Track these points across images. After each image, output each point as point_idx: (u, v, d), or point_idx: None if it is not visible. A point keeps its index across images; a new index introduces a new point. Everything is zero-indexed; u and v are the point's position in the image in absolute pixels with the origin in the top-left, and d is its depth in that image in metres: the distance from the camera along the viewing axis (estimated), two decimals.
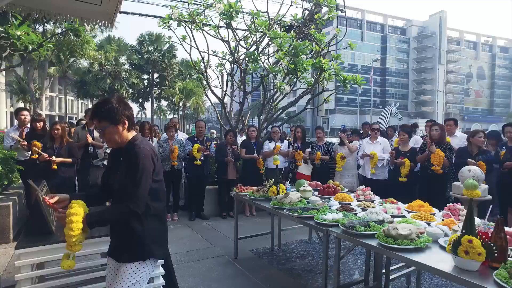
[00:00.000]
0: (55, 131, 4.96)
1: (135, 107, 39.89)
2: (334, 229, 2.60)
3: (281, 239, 4.61)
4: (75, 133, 5.57)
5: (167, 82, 33.45)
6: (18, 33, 5.61)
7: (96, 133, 5.50)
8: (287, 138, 6.85)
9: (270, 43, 7.38)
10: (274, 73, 6.75)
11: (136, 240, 1.82)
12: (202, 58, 7.51)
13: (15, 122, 5.64)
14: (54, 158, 4.64)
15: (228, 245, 4.62)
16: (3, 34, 5.58)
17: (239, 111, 7.96)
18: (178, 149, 5.49)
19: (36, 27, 17.60)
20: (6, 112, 31.84)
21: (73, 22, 8.64)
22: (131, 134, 1.87)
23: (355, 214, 2.91)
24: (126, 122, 1.83)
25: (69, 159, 4.83)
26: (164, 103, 39.89)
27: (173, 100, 34.06)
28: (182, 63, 34.85)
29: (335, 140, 7.33)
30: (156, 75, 33.84)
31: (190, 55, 8.29)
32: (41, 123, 5.23)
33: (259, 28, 7.05)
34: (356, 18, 60.82)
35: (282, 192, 3.53)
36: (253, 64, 6.52)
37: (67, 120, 27.47)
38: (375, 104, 52.71)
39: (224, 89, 8.49)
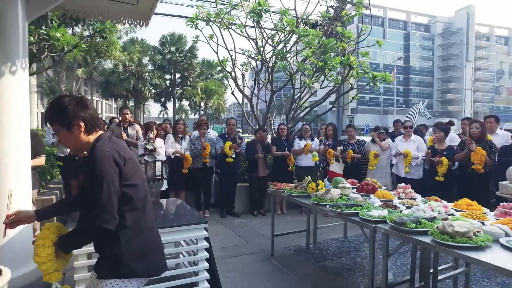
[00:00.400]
0: None
1: (157, 107, 40.71)
2: (381, 226, 2.55)
3: (316, 237, 4.57)
4: (109, 130, 5.73)
5: (188, 82, 33.90)
6: (58, 34, 5.83)
7: (130, 131, 5.64)
8: (318, 137, 6.79)
9: (298, 41, 7.35)
10: (302, 71, 6.69)
11: (113, 258, 1.57)
12: (231, 56, 7.54)
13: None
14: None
15: (263, 242, 4.63)
16: (44, 36, 5.81)
17: (266, 110, 7.95)
18: (210, 146, 5.54)
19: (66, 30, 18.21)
20: (37, 112, 33.11)
21: (105, 23, 8.90)
22: (93, 137, 1.63)
23: (401, 211, 2.85)
24: (82, 124, 1.58)
25: None
26: (185, 103, 40.46)
27: (195, 100, 34.49)
28: (203, 63, 35.28)
29: (366, 139, 7.21)
30: (178, 75, 34.37)
31: (217, 54, 8.36)
32: None
33: (286, 26, 7.03)
34: (377, 15, 59.65)
35: (322, 188, 3.50)
36: (282, 62, 6.49)
37: None
38: (398, 103, 51.55)
39: (247, 87, 8.53)
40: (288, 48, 7.10)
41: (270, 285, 3.35)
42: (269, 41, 7.57)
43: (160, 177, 3.52)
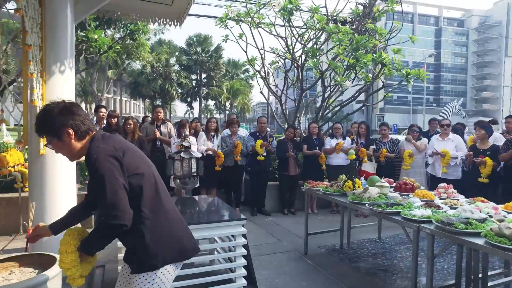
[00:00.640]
0: (128, 126, 5.28)
1: (183, 106, 41.47)
2: (426, 225, 2.46)
3: (350, 237, 4.48)
4: (143, 128, 5.89)
5: (214, 82, 34.30)
6: (95, 36, 6.06)
7: (163, 129, 5.77)
8: (350, 135, 6.67)
9: (328, 38, 7.25)
10: (333, 69, 6.58)
11: (141, 251, 1.58)
12: (261, 55, 7.55)
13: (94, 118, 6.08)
14: None
15: (295, 240, 4.60)
16: (83, 38, 6.06)
17: (295, 108, 7.90)
18: (241, 144, 5.57)
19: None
20: None
21: (136, 24, 9.16)
22: (87, 140, 1.60)
23: (445, 212, 2.74)
24: (71, 132, 1.55)
25: None
26: (211, 102, 40.98)
27: (220, 99, 34.83)
28: (228, 63, 35.62)
29: (400, 138, 7.00)
30: (204, 75, 34.86)
31: (246, 53, 8.40)
32: (116, 119, 5.59)
33: (317, 23, 6.95)
34: (406, 11, 57.80)
35: (359, 187, 3.43)
36: (313, 59, 6.42)
37: None
38: (428, 102, 49.79)
39: (276, 85, 8.50)
40: (318, 46, 7.00)
41: (306, 284, 3.32)
42: (299, 39, 7.52)
43: (196, 174, 3.56)
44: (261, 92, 8.78)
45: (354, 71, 6.96)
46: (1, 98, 3.46)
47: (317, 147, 6.05)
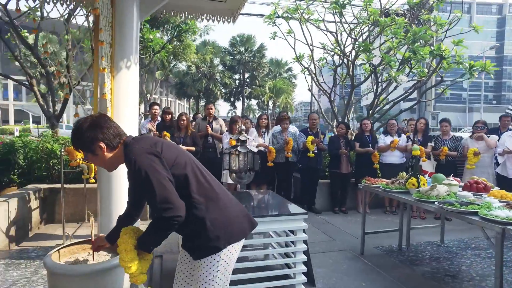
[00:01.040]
0: (182, 122, 5.42)
1: (226, 106, 42.21)
2: None
3: (410, 238, 4.23)
4: (195, 124, 6.03)
5: (257, 81, 34.50)
6: (151, 36, 6.31)
7: (215, 125, 5.86)
8: (405, 133, 6.32)
9: (381, 32, 6.94)
10: (387, 63, 6.26)
11: (200, 238, 1.60)
12: (311, 50, 7.42)
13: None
14: (181, 146, 5.08)
15: (349, 240, 4.45)
16: (140, 39, 6.35)
17: (345, 105, 7.67)
18: (292, 141, 5.50)
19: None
20: None
21: (189, 22, 9.44)
22: (120, 148, 1.62)
23: None
24: (102, 145, 1.58)
25: (193, 148, 5.24)
26: (253, 102, 41.30)
27: (263, 99, 34.96)
28: (271, 62, 35.62)
29: (463, 135, 6.51)
30: (246, 75, 35.19)
31: (294, 49, 8.32)
32: (170, 115, 5.78)
33: (370, 16, 6.67)
34: (464, 1, 53.75)
35: (424, 184, 3.21)
36: (366, 54, 6.15)
37: None
38: (486, 99, 46.06)
39: (324, 82, 8.30)
40: (371, 40, 6.71)
41: (366, 285, 3.17)
42: (350, 33, 7.28)
43: (252, 168, 3.56)
44: (309, 89, 8.64)
45: (409, 65, 6.59)
46: (78, 101, 3.69)
47: (370, 145, 5.81)
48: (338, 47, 7.27)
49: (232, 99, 37.54)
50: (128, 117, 3.07)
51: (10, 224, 4.14)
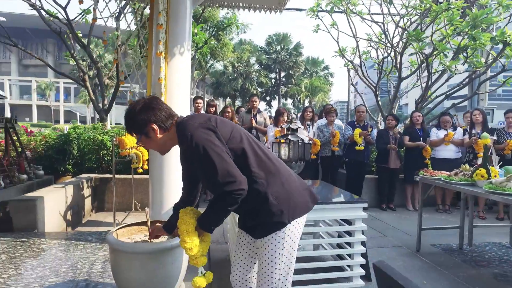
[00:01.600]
0: (226, 114, 5.42)
1: (262, 105, 42.31)
2: None
3: (472, 237, 3.91)
4: (239, 117, 6.01)
5: (293, 80, 34.23)
6: (195, 30, 6.38)
7: (259, 118, 5.81)
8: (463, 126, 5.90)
9: (435, 19, 6.52)
10: (441, 52, 5.86)
11: (263, 214, 1.52)
12: (357, 42, 7.17)
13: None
14: None
15: (401, 236, 4.21)
16: None
17: (392, 98, 7.32)
18: (339, 134, 5.31)
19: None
20: None
21: (230, 18, 9.51)
22: (172, 128, 1.57)
23: None
24: (155, 127, 1.54)
25: None
26: (289, 101, 41.03)
27: (299, 98, 34.62)
28: (307, 60, 35.17)
29: None
30: (282, 74, 35.04)
31: (338, 42, 8.10)
32: (214, 108, 5.81)
33: (422, 2, 6.29)
34: None
35: (495, 176, 2.93)
36: (418, 43, 5.78)
37: None
38: None
39: (368, 77, 7.98)
40: (423, 29, 6.32)
41: (427, 283, 2.95)
42: (399, 23, 6.93)
43: (303, 158, 3.44)
44: (352, 84, 8.35)
45: (465, 54, 6.12)
46: (130, 88, 3.78)
47: (421, 139, 5.48)
48: (385, 38, 6.94)
49: (268, 98, 37.54)
50: (180, 103, 3.08)
51: (67, 209, 4.35)
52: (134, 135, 1.59)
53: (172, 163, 3.13)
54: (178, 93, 3.06)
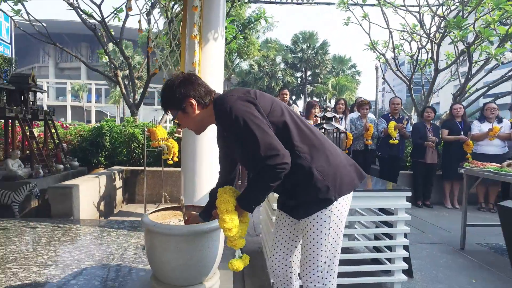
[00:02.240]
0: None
1: None
2: None
3: None
4: None
5: (319, 79, 33.77)
6: (225, 24, 6.35)
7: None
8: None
9: (478, 4, 6.13)
10: (485, 39, 5.48)
11: (307, 191, 1.42)
12: (391, 33, 6.89)
13: None
14: None
15: (441, 233, 3.98)
16: None
17: (428, 90, 6.98)
18: (372, 127, 5.10)
19: None
20: None
21: (259, 12, 9.46)
22: (210, 106, 1.49)
23: None
24: (193, 102, 1.46)
25: None
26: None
27: (325, 97, 34.10)
28: (334, 59, 34.57)
29: None
30: (308, 73, 34.65)
31: (369, 35, 7.85)
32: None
33: None
34: None
35: None
36: (459, 30, 5.44)
37: None
38: None
39: (401, 72, 7.65)
40: (465, 15, 5.97)
41: (477, 283, 2.73)
42: (437, 11, 6.59)
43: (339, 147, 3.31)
44: (383, 78, 8.07)
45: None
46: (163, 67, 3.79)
47: (462, 132, 5.16)
48: (420, 29, 6.62)
49: (293, 97, 37.26)
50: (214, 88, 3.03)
51: (100, 199, 4.43)
52: (170, 112, 1.52)
53: (205, 153, 3.10)
54: (212, 79, 3.00)
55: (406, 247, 2.55)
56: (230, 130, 1.39)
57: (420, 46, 7.15)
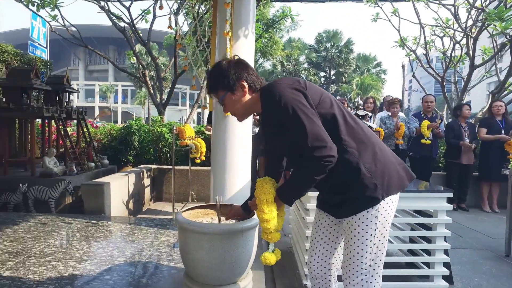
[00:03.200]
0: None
1: None
2: None
3: None
4: None
5: (343, 78, 33.21)
6: None
7: None
8: None
9: None
10: None
11: (352, 188, 1.35)
12: (423, 28, 6.64)
13: None
14: None
15: (481, 238, 3.78)
16: None
17: (463, 87, 6.67)
18: (404, 126, 4.92)
19: None
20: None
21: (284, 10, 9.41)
22: (257, 93, 1.45)
23: None
24: (245, 85, 1.42)
25: None
26: None
27: (349, 96, 33.50)
28: (359, 57, 33.89)
29: None
30: (332, 72, 34.16)
31: (399, 31, 7.61)
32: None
33: None
34: None
35: None
36: (501, 22, 5.14)
37: None
38: None
39: (432, 68, 7.36)
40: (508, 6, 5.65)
41: None
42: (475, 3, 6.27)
43: None
44: (413, 76, 7.79)
45: None
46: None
47: (503, 131, 4.88)
48: (455, 23, 6.34)
49: None
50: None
51: (129, 197, 4.51)
52: (218, 93, 1.47)
53: (235, 150, 3.07)
54: None
55: (446, 252, 2.42)
56: (277, 118, 1.34)
57: (454, 41, 6.84)
